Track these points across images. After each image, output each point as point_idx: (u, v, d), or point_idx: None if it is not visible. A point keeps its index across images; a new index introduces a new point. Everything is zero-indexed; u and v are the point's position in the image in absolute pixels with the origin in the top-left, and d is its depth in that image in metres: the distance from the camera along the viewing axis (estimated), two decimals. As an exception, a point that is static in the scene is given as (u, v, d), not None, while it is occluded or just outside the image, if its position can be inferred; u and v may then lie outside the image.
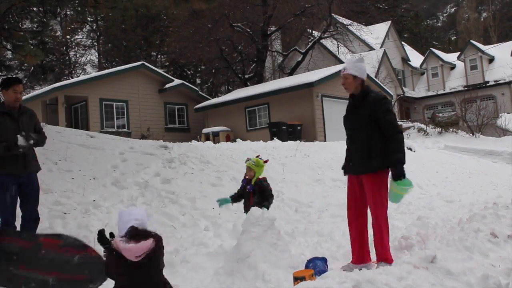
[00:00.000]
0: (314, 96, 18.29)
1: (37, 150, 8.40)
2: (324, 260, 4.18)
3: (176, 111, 22.38)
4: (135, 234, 2.76)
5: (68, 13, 36.04)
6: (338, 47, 28.64)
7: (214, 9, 21.95)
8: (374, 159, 3.90)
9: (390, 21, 36.44)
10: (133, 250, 2.70)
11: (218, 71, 29.65)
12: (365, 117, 3.95)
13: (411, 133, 23.55)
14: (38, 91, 22.38)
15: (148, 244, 2.73)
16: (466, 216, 5.37)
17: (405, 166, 3.85)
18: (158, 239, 2.83)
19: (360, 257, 4.08)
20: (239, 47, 26.38)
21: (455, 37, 61.82)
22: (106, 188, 7.12)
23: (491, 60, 34.54)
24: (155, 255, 2.80)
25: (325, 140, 17.27)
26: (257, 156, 5.45)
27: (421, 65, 37.17)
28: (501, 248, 3.59)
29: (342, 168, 4.28)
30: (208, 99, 23.43)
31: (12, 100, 4.68)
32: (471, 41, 37.50)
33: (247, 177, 5.32)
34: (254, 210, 4.21)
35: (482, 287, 2.85)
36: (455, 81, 34.86)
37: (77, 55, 37.06)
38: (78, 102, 19.48)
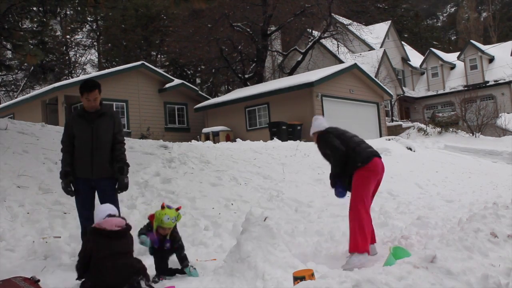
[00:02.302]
0: (314, 96, 18.30)
1: (37, 149, 8.45)
2: None
3: (176, 110, 22.38)
4: (113, 216, 3.79)
5: (68, 13, 35.99)
6: (338, 47, 28.62)
7: (214, 8, 21.95)
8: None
9: (390, 21, 36.41)
10: (113, 221, 3.65)
11: (218, 71, 29.64)
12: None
13: (411, 133, 23.54)
14: (38, 91, 22.38)
15: (123, 220, 3.74)
16: (466, 216, 5.38)
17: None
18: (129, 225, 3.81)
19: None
20: (239, 47, 26.38)
21: (455, 37, 61.79)
22: (106, 188, 7.11)
23: (491, 60, 34.53)
24: (129, 234, 3.73)
25: (325, 140, 17.25)
26: (177, 209, 4.41)
27: (421, 65, 37.16)
28: (501, 248, 3.59)
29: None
30: (208, 98, 23.44)
31: (89, 106, 4.55)
32: (471, 41, 37.48)
33: (160, 233, 4.28)
34: (254, 210, 4.21)
35: (482, 286, 2.85)
36: (455, 81, 34.85)
37: (77, 55, 37.09)
38: (78, 102, 19.45)
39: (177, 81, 22.32)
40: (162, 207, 4.32)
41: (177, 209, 4.40)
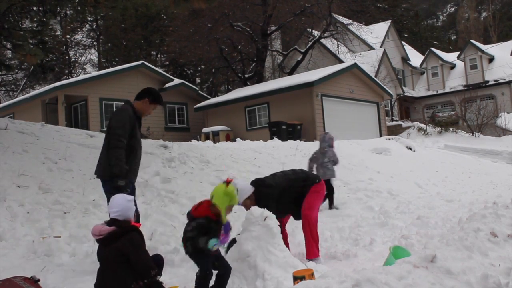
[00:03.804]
0: (314, 96, 18.29)
1: (37, 149, 8.44)
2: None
3: (176, 110, 22.38)
4: (111, 222, 3.24)
5: (68, 12, 35.96)
6: (338, 47, 28.61)
7: (214, 8, 21.95)
8: None
9: (390, 21, 36.41)
10: (93, 229, 3.23)
11: (218, 71, 29.65)
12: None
13: (411, 132, 23.54)
14: (37, 90, 22.38)
15: (107, 229, 3.18)
16: (466, 215, 5.38)
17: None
18: (129, 228, 3.20)
19: None
20: (239, 47, 26.37)
21: (455, 37, 61.79)
22: (106, 187, 7.11)
23: (491, 59, 34.53)
24: (119, 241, 3.13)
25: (325, 140, 17.26)
26: (227, 182, 3.58)
27: (421, 65, 37.17)
28: (501, 247, 3.59)
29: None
30: (208, 98, 23.44)
31: (146, 114, 4.72)
32: (471, 40, 37.48)
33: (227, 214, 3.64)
34: (254, 209, 4.19)
35: (482, 286, 2.84)
36: (455, 81, 34.86)
37: (77, 55, 37.12)
38: (78, 102, 19.48)
39: (177, 81, 22.32)
40: (228, 182, 3.49)
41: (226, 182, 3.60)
